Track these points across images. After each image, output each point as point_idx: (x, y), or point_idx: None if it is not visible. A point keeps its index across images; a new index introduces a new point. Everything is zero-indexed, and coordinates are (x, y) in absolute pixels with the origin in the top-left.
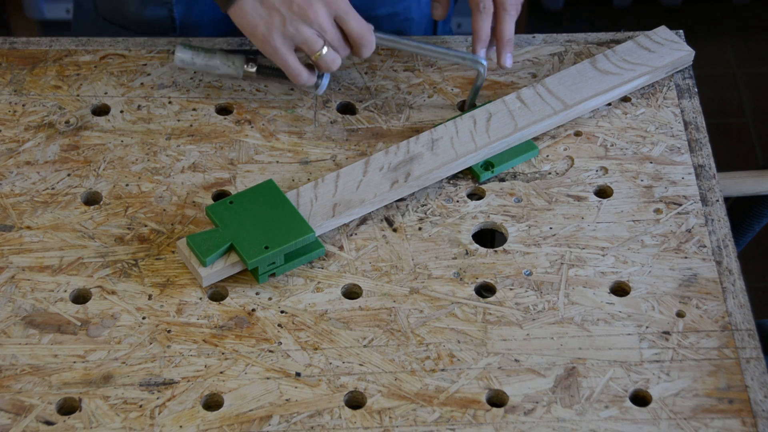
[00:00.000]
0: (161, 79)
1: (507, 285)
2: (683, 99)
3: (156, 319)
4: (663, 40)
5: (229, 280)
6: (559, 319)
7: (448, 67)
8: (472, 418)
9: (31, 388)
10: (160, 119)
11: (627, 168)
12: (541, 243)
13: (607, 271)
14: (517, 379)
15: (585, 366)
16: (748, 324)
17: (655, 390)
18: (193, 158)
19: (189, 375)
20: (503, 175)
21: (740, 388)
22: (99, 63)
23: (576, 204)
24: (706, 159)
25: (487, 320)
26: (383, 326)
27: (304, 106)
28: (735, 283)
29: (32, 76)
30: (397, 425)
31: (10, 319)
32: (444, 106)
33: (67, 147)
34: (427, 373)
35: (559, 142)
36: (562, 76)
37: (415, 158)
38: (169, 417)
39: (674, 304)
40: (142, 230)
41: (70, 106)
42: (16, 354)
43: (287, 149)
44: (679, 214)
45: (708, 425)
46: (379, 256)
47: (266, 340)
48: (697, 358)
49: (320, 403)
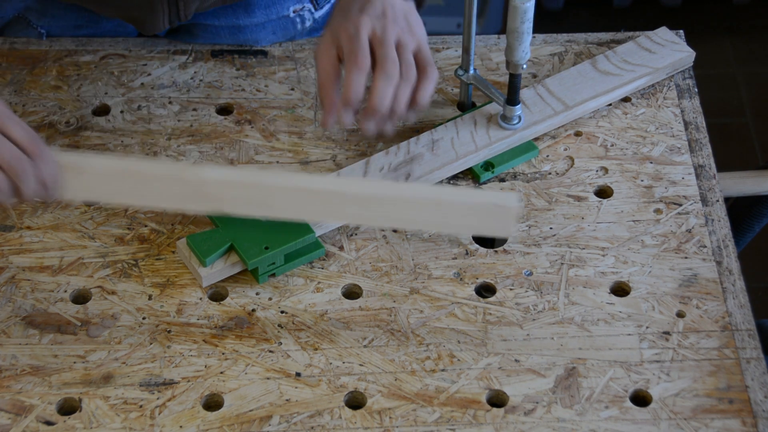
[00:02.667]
0: (161, 79)
1: (507, 285)
2: (683, 99)
3: (156, 320)
4: (663, 41)
5: (229, 280)
6: (560, 319)
7: (448, 68)
8: (472, 419)
9: (31, 389)
10: (160, 119)
11: (627, 168)
12: (541, 243)
13: (607, 271)
14: (517, 380)
15: (585, 366)
16: (748, 324)
17: (655, 390)
18: (193, 158)
19: (189, 375)
20: (503, 175)
21: (740, 388)
22: (99, 63)
23: (576, 204)
24: (706, 159)
25: (488, 320)
26: (383, 326)
27: (304, 106)
28: (735, 283)
29: (32, 76)
30: (397, 425)
31: (10, 319)
32: (444, 106)
33: (67, 147)
34: (427, 373)
35: (559, 142)
36: (563, 76)
37: (415, 159)
38: (169, 417)
39: (674, 304)
40: (142, 230)
41: (70, 106)
42: (16, 354)
43: (287, 149)
44: (680, 215)
45: (708, 425)
46: (380, 256)
47: (266, 341)
48: (698, 359)
49: (320, 404)
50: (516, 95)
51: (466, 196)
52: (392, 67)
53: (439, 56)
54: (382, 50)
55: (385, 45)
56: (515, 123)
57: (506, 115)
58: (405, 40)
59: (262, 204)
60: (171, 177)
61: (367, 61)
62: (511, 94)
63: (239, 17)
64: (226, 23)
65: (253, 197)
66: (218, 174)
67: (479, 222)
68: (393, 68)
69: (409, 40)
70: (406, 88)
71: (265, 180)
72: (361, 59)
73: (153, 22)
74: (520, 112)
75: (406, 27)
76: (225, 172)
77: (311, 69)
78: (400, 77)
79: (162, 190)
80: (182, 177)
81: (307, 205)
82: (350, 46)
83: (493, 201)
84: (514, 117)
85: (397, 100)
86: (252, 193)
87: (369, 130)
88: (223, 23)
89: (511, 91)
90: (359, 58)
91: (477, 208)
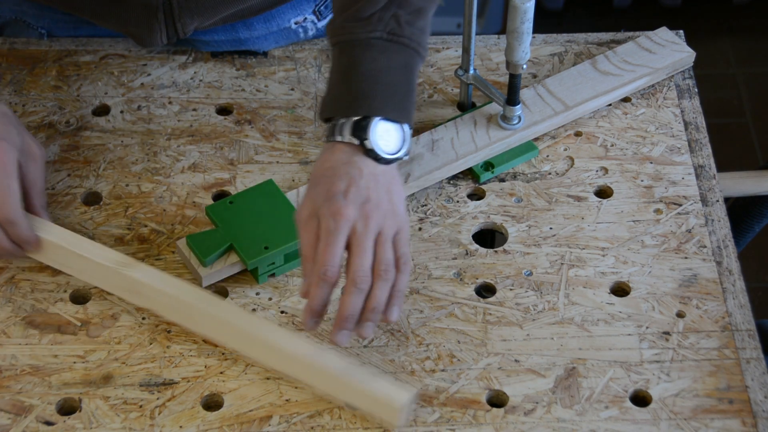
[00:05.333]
0: (161, 79)
1: (507, 285)
2: (683, 99)
3: (156, 319)
4: (664, 41)
5: (229, 280)
6: (559, 320)
7: (448, 68)
8: (472, 419)
9: (31, 389)
10: (160, 119)
11: (627, 168)
12: (541, 243)
13: (607, 271)
14: (517, 380)
15: (585, 366)
16: (748, 324)
17: (655, 390)
18: (193, 158)
19: (189, 375)
20: (503, 175)
21: (740, 388)
22: (99, 63)
23: (576, 204)
24: (706, 159)
25: (487, 320)
26: (383, 326)
27: (304, 106)
28: (735, 283)
29: (32, 76)
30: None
31: (10, 319)
32: (444, 106)
33: (67, 147)
34: (427, 374)
35: (559, 142)
36: (563, 77)
37: (415, 159)
38: (169, 417)
39: (674, 304)
40: (142, 230)
41: (70, 106)
42: (16, 354)
43: (287, 149)
44: (679, 215)
45: (708, 425)
46: None
47: None
48: (698, 359)
49: (320, 403)
50: (516, 95)
51: (364, 380)
52: (364, 280)
53: (439, 56)
54: (357, 254)
55: (362, 247)
56: (515, 123)
57: (506, 115)
58: (386, 229)
59: (186, 319)
60: (110, 270)
61: (337, 274)
62: (511, 94)
63: (239, 32)
64: (226, 38)
65: (177, 309)
66: (149, 278)
67: (370, 407)
68: (364, 282)
69: (390, 226)
70: (383, 289)
71: (187, 298)
72: (331, 273)
73: (151, 38)
74: (520, 112)
75: (388, 208)
76: (156, 278)
77: (311, 69)
78: (378, 278)
79: (106, 276)
80: (119, 272)
81: (224, 334)
82: (325, 246)
83: (383, 394)
84: (514, 117)
85: (371, 303)
86: (175, 305)
87: (341, 342)
88: (222, 38)
89: (511, 91)
90: (329, 270)
91: (367, 395)
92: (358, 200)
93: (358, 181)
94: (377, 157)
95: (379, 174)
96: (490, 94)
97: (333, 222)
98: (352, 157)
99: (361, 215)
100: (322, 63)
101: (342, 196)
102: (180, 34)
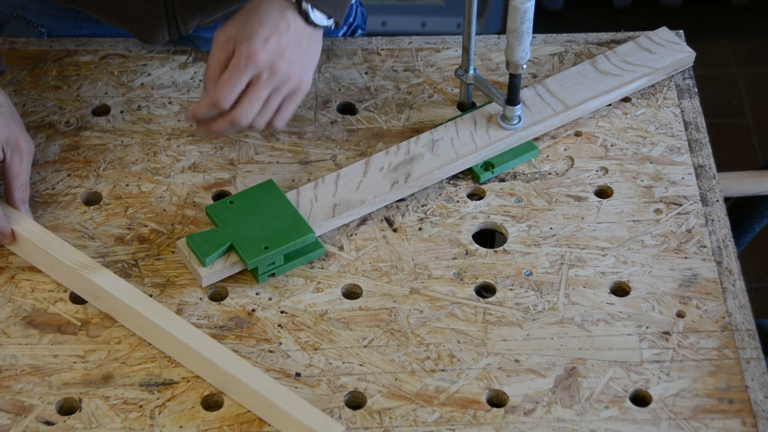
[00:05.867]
0: (161, 79)
1: (507, 285)
2: (683, 99)
3: None
4: (664, 41)
5: (229, 280)
6: (559, 320)
7: (448, 68)
8: (472, 419)
9: (31, 389)
10: (160, 119)
11: (627, 168)
12: (541, 243)
13: (607, 271)
14: (517, 380)
15: (585, 366)
16: (748, 324)
17: (655, 390)
18: (193, 158)
19: (189, 375)
20: (503, 175)
21: (740, 388)
22: (99, 63)
23: (576, 204)
24: (706, 159)
25: (487, 320)
26: (383, 326)
27: (305, 106)
28: (735, 283)
29: (32, 76)
30: (397, 425)
31: (10, 319)
32: (444, 106)
33: (67, 147)
34: (427, 374)
35: (559, 142)
36: (563, 76)
37: (415, 158)
38: (169, 417)
39: (674, 304)
40: (142, 230)
41: (70, 106)
42: (16, 354)
43: (287, 149)
44: (679, 215)
45: (708, 425)
46: (379, 257)
47: (266, 341)
48: (697, 359)
49: (320, 403)
50: (516, 95)
51: (298, 409)
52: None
53: (439, 56)
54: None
55: (257, 95)
56: (515, 123)
57: (506, 115)
58: (284, 87)
59: (138, 328)
60: (73, 271)
61: (228, 107)
62: (511, 94)
63: None
64: None
65: (131, 317)
66: (107, 284)
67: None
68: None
69: (290, 85)
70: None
71: (138, 307)
72: (223, 103)
73: (152, 35)
74: (520, 112)
75: (297, 69)
76: (114, 284)
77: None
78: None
79: (71, 277)
80: (80, 274)
81: (171, 347)
82: (227, 79)
83: (315, 427)
84: (514, 117)
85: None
86: (129, 313)
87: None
88: None
89: (511, 91)
90: (221, 100)
91: (299, 424)
92: (274, 51)
93: (282, 34)
94: (308, 19)
95: (303, 35)
96: (490, 94)
97: (244, 61)
98: (285, 10)
99: (271, 66)
100: (322, 63)
101: (262, 41)
102: (182, 31)
